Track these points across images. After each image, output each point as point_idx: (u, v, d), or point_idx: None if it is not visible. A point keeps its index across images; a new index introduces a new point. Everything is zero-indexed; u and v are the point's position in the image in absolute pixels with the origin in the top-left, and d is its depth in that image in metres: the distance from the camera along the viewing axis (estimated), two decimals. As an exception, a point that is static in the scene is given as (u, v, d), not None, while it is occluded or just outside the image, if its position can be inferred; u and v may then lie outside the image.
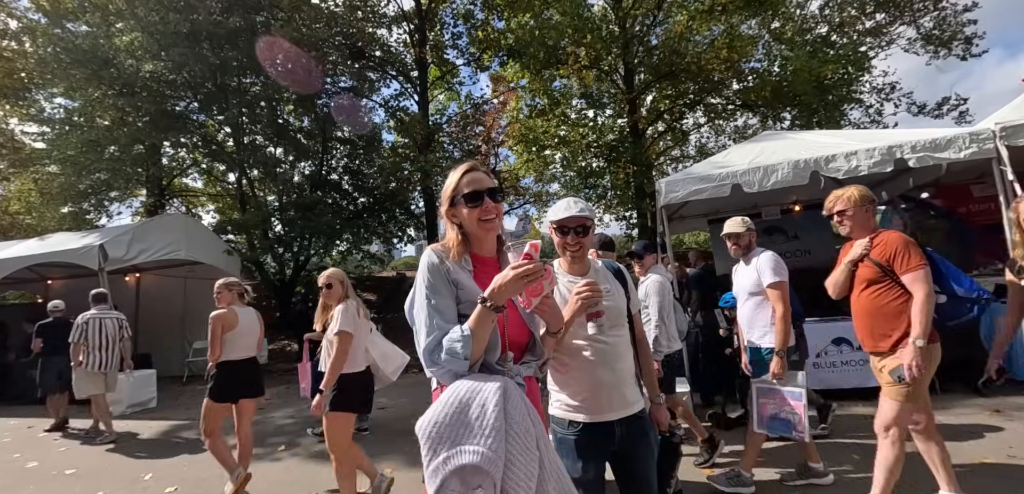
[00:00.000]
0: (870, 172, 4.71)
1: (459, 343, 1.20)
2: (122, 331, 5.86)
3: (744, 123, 15.60)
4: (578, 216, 1.73)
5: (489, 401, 1.12)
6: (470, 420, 1.10)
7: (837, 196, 2.67)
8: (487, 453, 1.06)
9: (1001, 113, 4.81)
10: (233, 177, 14.68)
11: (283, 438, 5.23)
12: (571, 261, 1.81)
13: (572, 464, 1.69)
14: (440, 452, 1.09)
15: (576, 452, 1.69)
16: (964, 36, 13.49)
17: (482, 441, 1.07)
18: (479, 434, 1.08)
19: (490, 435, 1.08)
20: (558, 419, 1.76)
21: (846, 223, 2.64)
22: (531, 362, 1.41)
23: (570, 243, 1.77)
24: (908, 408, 2.41)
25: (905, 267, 2.36)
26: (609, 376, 1.71)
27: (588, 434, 1.70)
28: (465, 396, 1.13)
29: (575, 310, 1.58)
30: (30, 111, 12.28)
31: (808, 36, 14.04)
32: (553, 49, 12.66)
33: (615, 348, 1.74)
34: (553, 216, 1.80)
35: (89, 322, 5.60)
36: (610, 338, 1.72)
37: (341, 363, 2.97)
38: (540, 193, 17.68)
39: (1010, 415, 4.10)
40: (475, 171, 1.41)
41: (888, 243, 2.44)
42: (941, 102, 13.92)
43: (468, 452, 1.07)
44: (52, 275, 10.29)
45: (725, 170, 5.21)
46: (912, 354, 2.29)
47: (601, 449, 1.72)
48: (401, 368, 3.36)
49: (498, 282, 1.21)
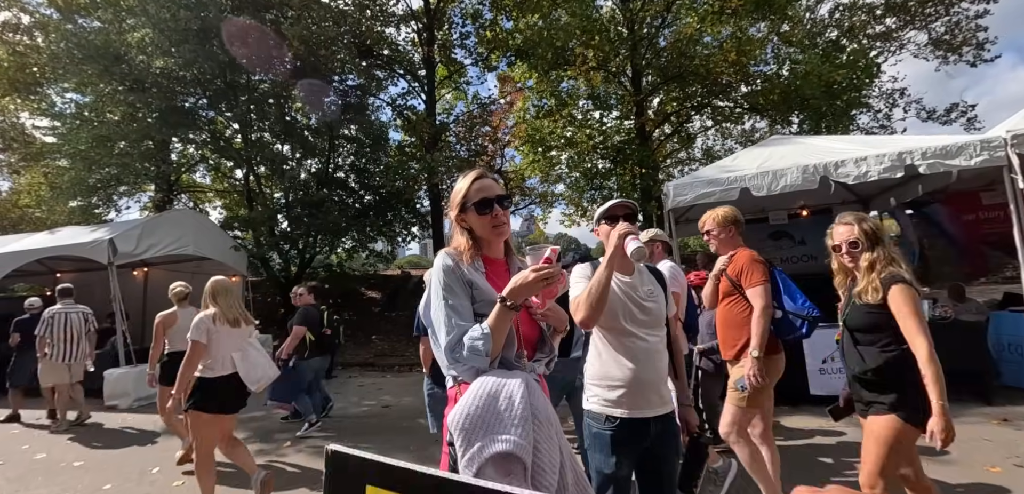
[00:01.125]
0: (880, 177, 4.70)
1: (481, 341, 1.25)
2: (88, 325, 6.09)
3: (751, 126, 15.53)
4: (623, 202, 1.86)
5: (516, 393, 1.18)
6: (500, 411, 1.16)
7: (709, 215, 2.88)
8: (519, 441, 1.13)
9: (1013, 120, 4.77)
10: (240, 174, 14.78)
11: (287, 435, 5.26)
12: None
13: (606, 459, 1.72)
14: (474, 442, 1.15)
15: (611, 447, 1.72)
16: (975, 42, 13.38)
17: (513, 430, 1.14)
18: (509, 424, 1.14)
19: (519, 424, 1.14)
20: (595, 414, 1.78)
21: (713, 241, 2.86)
22: (541, 360, 1.46)
23: None
24: (748, 413, 2.66)
25: (748, 283, 2.62)
26: (650, 374, 1.76)
27: (626, 430, 1.72)
28: (492, 389, 1.19)
29: (615, 246, 1.65)
30: (41, 106, 12.41)
31: (817, 39, 13.97)
32: (561, 50, 12.64)
33: (656, 347, 1.80)
34: (600, 211, 1.90)
35: (55, 317, 5.87)
36: (651, 337, 1.78)
37: (190, 369, 3.17)
38: (545, 194, 17.68)
39: (1018, 424, 4.07)
40: (484, 179, 1.46)
41: (738, 260, 2.70)
42: (950, 108, 13.83)
43: (501, 441, 1.13)
44: (61, 268, 10.39)
45: (734, 174, 5.21)
46: (749, 365, 2.53)
47: (636, 445, 1.75)
48: (263, 380, 3.40)
49: (517, 282, 1.26)
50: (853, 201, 7.64)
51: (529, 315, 1.44)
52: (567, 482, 1.22)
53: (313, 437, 5.10)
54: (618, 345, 1.76)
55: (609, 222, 1.84)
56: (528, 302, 1.37)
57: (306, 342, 5.21)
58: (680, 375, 1.99)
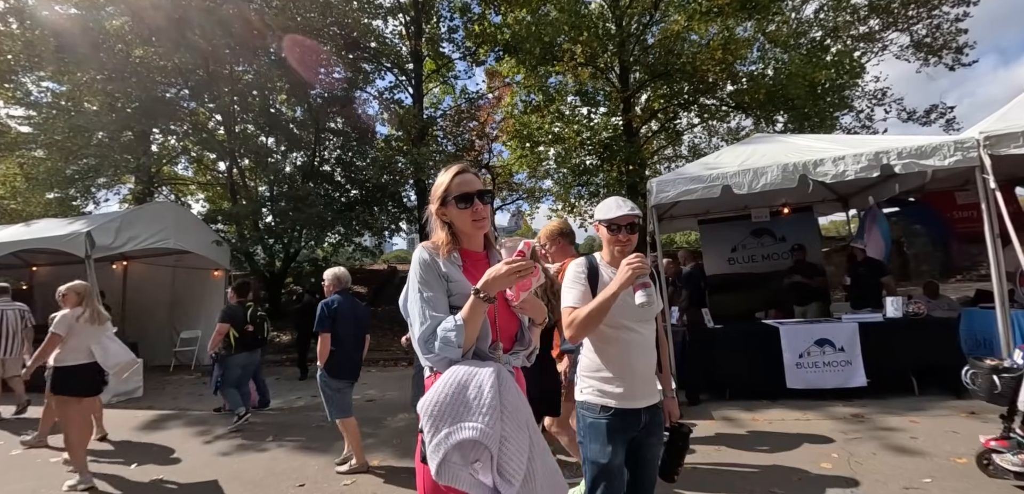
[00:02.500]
0: (857, 176, 4.79)
1: (453, 332, 1.26)
2: (24, 321, 6.18)
3: (737, 125, 15.72)
4: (629, 214, 1.82)
5: (485, 383, 1.20)
6: (468, 399, 1.18)
7: (544, 229, 3.13)
8: (485, 429, 1.14)
9: (985, 123, 4.89)
10: (223, 166, 14.53)
11: (271, 429, 5.22)
12: (619, 255, 1.86)
13: (601, 448, 1.76)
14: (441, 428, 1.16)
15: (606, 436, 1.76)
16: (955, 45, 13.67)
17: (480, 418, 1.15)
18: (477, 412, 1.16)
19: (487, 413, 1.16)
20: (589, 404, 1.82)
21: (548, 254, 3.05)
22: (519, 352, 1.49)
23: (622, 240, 1.84)
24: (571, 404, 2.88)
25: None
26: (644, 364, 1.82)
27: (620, 419, 1.77)
28: (463, 378, 1.22)
29: (625, 280, 1.63)
30: (16, 94, 12.04)
31: (802, 40, 14.16)
32: (549, 45, 12.64)
33: (648, 340, 1.85)
34: (603, 214, 1.87)
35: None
36: (644, 330, 1.83)
37: (44, 357, 3.78)
38: (533, 189, 17.69)
39: (984, 417, 4.20)
40: (466, 173, 1.48)
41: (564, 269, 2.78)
42: (929, 109, 14.14)
43: (467, 428, 1.15)
44: (37, 261, 10.14)
45: (716, 171, 5.26)
46: (564, 363, 2.75)
47: (628, 434, 1.79)
48: (121, 366, 4.01)
49: (491, 275, 1.28)
50: (833, 199, 7.78)
51: (508, 308, 1.46)
52: (535, 470, 1.24)
53: (296, 431, 5.08)
54: (613, 338, 1.80)
55: (611, 230, 1.85)
56: (503, 294, 1.39)
57: (231, 339, 5.42)
58: (664, 368, 2.06)
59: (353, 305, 3.98)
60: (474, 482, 1.16)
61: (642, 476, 1.87)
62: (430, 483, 1.28)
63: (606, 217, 1.85)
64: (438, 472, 1.15)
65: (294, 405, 6.37)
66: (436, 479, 1.17)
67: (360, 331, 4.00)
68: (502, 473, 1.17)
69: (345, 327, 3.80)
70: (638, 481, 1.87)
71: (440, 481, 1.16)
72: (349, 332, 3.83)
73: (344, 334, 3.79)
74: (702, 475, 3.42)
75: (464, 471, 1.16)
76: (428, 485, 1.29)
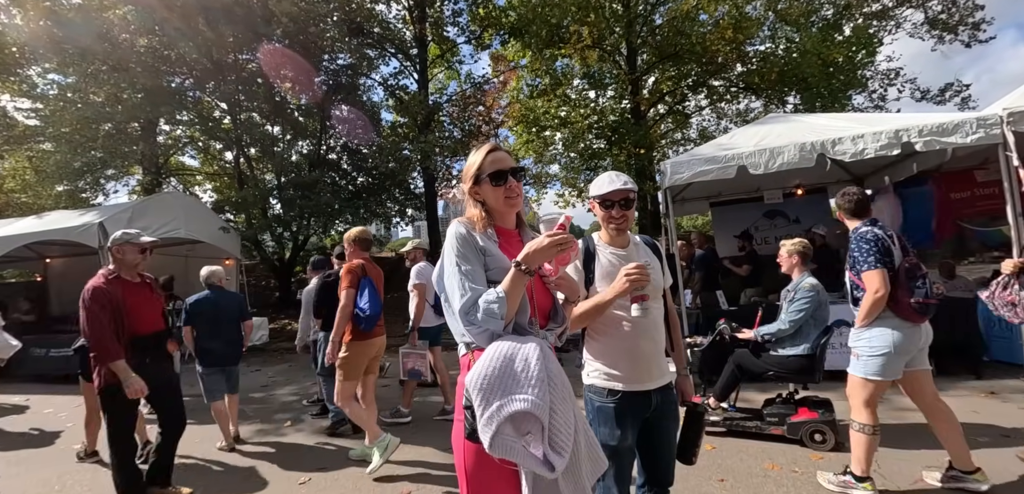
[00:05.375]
0: (876, 155, 4.70)
1: (496, 303, 1.26)
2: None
3: (746, 106, 15.48)
4: (622, 189, 1.76)
5: (531, 355, 1.20)
6: (516, 372, 1.18)
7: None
8: (536, 400, 1.15)
9: (1009, 98, 4.77)
10: (230, 156, 14.54)
11: (288, 414, 5.27)
12: (616, 233, 1.83)
13: (610, 432, 1.72)
14: (492, 402, 1.16)
15: (615, 420, 1.73)
16: (971, 21, 13.34)
17: (530, 390, 1.16)
18: (526, 384, 1.17)
19: (536, 385, 1.16)
20: (596, 388, 1.79)
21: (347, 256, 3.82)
22: (553, 329, 1.48)
23: (615, 216, 1.79)
24: (351, 384, 3.63)
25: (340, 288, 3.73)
26: (649, 346, 1.76)
27: (627, 402, 1.73)
28: (508, 352, 1.22)
29: (621, 290, 1.60)
30: (22, 87, 12.05)
31: (813, 18, 13.86)
32: (556, 27, 12.46)
33: (654, 319, 1.78)
34: (597, 190, 1.81)
35: None
36: (650, 308, 1.77)
37: None
38: (540, 174, 17.57)
39: (1005, 397, 4.17)
40: (498, 151, 1.48)
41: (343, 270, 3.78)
42: (944, 88, 13.85)
43: (519, 400, 1.15)
44: (50, 253, 10.24)
45: (731, 152, 5.18)
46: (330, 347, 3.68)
47: (638, 417, 1.76)
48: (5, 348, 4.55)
49: (532, 247, 1.28)
50: (848, 180, 7.67)
51: (543, 284, 1.47)
52: (580, 445, 1.24)
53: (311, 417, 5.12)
54: (618, 319, 1.75)
55: (604, 206, 1.80)
56: (541, 269, 1.38)
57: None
58: (676, 346, 1.99)
59: (215, 301, 4.41)
60: (526, 454, 1.15)
61: (658, 459, 1.83)
62: (473, 461, 1.27)
63: (599, 193, 1.79)
64: (492, 445, 1.14)
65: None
66: (490, 452, 1.15)
67: (225, 321, 4.42)
68: (553, 445, 1.16)
69: (203, 321, 4.34)
70: (655, 464, 1.83)
71: (494, 454, 1.15)
72: (208, 324, 4.34)
73: (203, 327, 4.33)
74: (721, 456, 3.41)
75: (517, 443, 1.15)
76: (470, 463, 1.29)
